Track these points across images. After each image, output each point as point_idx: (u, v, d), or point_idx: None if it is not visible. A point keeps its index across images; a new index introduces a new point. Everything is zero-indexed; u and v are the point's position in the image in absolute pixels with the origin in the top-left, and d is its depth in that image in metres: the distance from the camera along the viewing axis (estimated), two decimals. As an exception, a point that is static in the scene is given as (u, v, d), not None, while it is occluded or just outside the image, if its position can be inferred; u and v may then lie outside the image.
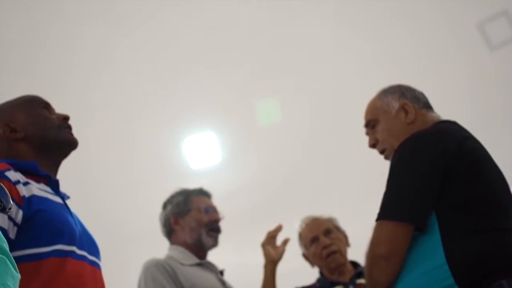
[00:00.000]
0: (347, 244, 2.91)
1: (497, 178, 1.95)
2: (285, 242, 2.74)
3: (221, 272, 2.76)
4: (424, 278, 1.80)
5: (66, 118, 1.87)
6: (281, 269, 2.74)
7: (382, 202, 1.91)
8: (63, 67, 4.52)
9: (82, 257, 1.67)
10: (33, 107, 1.85)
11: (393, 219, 1.85)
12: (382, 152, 2.14)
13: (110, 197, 5.14)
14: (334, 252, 2.80)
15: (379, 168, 2.29)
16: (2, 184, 1.13)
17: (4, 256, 1.00)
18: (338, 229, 2.91)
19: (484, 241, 1.78)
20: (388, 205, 1.89)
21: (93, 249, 1.76)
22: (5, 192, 1.13)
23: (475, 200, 1.85)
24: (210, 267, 2.73)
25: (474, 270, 1.74)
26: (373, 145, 2.16)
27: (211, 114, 5.15)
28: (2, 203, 1.11)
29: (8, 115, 1.82)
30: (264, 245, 2.71)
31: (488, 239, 1.78)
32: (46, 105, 1.88)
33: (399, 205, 1.87)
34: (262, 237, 2.78)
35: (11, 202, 1.14)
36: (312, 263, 2.90)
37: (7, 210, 1.13)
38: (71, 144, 1.86)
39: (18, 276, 1.03)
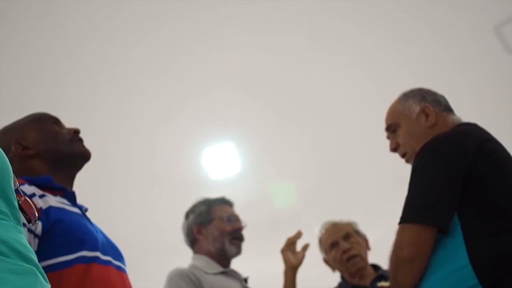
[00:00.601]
0: (367, 247, 2.91)
1: None
2: (305, 247, 2.74)
3: (245, 280, 2.76)
4: (448, 279, 1.80)
5: (76, 132, 1.88)
6: (302, 275, 2.74)
7: (404, 205, 1.91)
8: (84, 79, 4.57)
9: (108, 262, 1.67)
10: (43, 124, 1.87)
11: (416, 222, 1.86)
12: (403, 156, 2.14)
13: (131, 209, 5.17)
14: (354, 256, 2.80)
15: (400, 172, 2.29)
16: (27, 198, 1.14)
17: (33, 267, 1.01)
18: (357, 233, 2.91)
19: (506, 242, 1.78)
20: (411, 208, 1.89)
21: (118, 255, 1.76)
22: (30, 205, 1.15)
23: (497, 201, 1.85)
24: (234, 275, 2.74)
25: (497, 270, 1.74)
26: (394, 149, 2.16)
27: (229, 124, 5.17)
28: (27, 215, 1.13)
29: (18, 134, 1.84)
30: (283, 251, 2.71)
31: (511, 239, 1.78)
32: (56, 121, 1.90)
33: (422, 208, 1.88)
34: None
35: (37, 215, 1.15)
36: (333, 268, 2.90)
37: (33, 222, 1.14)
38: (84, 156, 1.87)
39: (48, 286, 1.04)
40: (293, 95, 5.09)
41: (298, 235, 2.75)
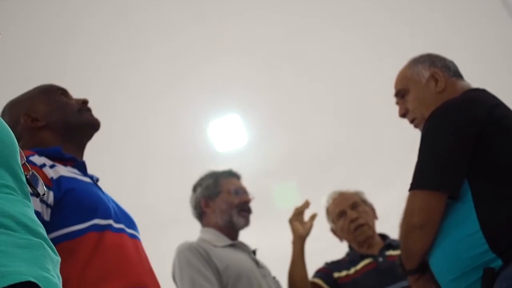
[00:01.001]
0: (374, 216, 2.92)
1: None
2: (313, 217, 2.75)
3: (254, 252, 2.77)
4: (459, 245, 1.81)
5: (85, 102, 1.89)
6: (308, 248, 2.75)
7: (414, 172, 1.92)
8: (86, 51, 4.55)
9: (121, 230, 1.68)
10: (51, 95, 1.87)
11: (427, 188, 1.86)
12: (412, 121, 2.14)
13: (138, 183, 5.17)
14: (362, 225, 2.81)
15: (409, 140, 2.27)
16: (34, 171, 1.13)
17: (41, 240, 1.00)
18: (365, 202, 2.92)
19: None
20: (421, 174, 1.90)
21: (130, 223, 1.77)
22: (37, 179, 1.14)
23: (507, 166, 1.85)
24: (243, 248, 2.75)
25: (507, 235, 1.74)
26: (403, 114, 2.16)
27: (235, 96, 5.15)
28: (35, 189, 1.12)
29: (27, 106, 1.85)
30: (291, 221, 2.73)
31: None
32: (63, 92, 1.90)
33: (432, 174, 1.88)
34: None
35: (45, 189, 1.14)
36: (341, 238, 2.91)
37: (41, 196, 1.13)
38: (93, 125, 1.88)
39: (58, 259, 1.03)
40: (299, 66, 5.06)
41: (306, 205, 2.76)
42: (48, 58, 4.44)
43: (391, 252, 2.72)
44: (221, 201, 2.78)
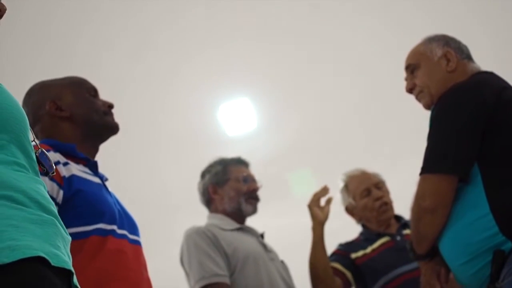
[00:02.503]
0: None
1: None
2: (329, 201, 2.72)
3: (262, 235, 2.78)
4: (469, 228, 1.81)
5: (111, 106, 1.91)
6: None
7: (425, 156, 1.92)
8: (95, 37, 4.55)
9: (123, 236, 1.70)
10: (82, 89, 1.89)
11: (438, 172, 1.87)
12: (417, 95, 2.13)
13: (148, 168, 5.19)
14: (386, 204, 2.80)
15: (419, 123, 2.26)
16: (43, 149, 1.13)
17: (53, 218, 1.00)
18: (384, 183, 2.90)
19: None
20: (432, 158, 1.90)
21: (133, 228, 1.78)
22: (46, 157, 1.14)
23: None
24: (251, 231, 2.75)
25: None
26: (410, 89, 2.16)
27: (245, 80, 5.13)
28: (45, 167, 1.12)
29: (55, 93, 1.85)
30: (310, 207, 2.69)
31: None
32: (94, 90, 1.91)
33: (443, 158, 1.88)
34: (300, 202, 2.76)
35: (54, 167, 1.14)
36: (359, 216, 2.87)
37: (50, 174, 1.14)
38: (113, 129, 1.89)
39: (69, 238, 1.04)
40: (310, 49, 5.03)
41: (325, 190, 2.73)
42: (53, 44, 4.44)
43: (407, 231, 2.70)
44: (230, 189, 2.78)
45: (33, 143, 1.11)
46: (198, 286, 2.48)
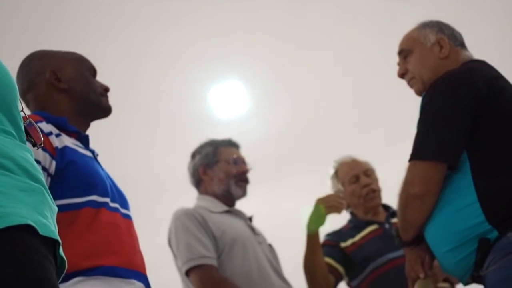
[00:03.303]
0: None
1: None
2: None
3: (250, 219, 2.79)
4: (456, 216, 1.82)
5: (107, 89, 1.92)
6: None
7: (414, 143, 1.92)
8: (85, 16, 4.51)
9: (115, 209, 1.70)
10: (83, 66, 1.90)
11: (427, 159, 1.87)
12: (409, 80, 2.13)
13: (138, 149, 5.18)
14: (374, 191, 2.82)
15: (410, 109, 2.27)
16: (31, 119, 1.12)
17: (41, 186, 0.99)
18: (373, 171, 2.92)
19: None
20: (421, 145, 1.91)
21: (124, 202, 1.78)
22: (35, 128, 1.13)
23: (505, 139, 1.86)
24: (239, 214, 2.76)
25: (504, 206, 1.75)
26: (402, 75, 2.16)
27: (236, 62, 5.11)
28: (32, 138, 1.11)
29: (57, 63, 1.86)
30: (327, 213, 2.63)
31: None
32: (94, 71, 1.93)
33: (432, 145, 1.89)
34: (289, 185, 2.77)
35: (42, 139, 1.13)
36: (347, 203, 2.84)
37: (38, 146, 1.13)
38: (106, 111, 1.91)
39: (55, 208, 1.03)
40: (302, 32, 5.00)
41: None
42: (45, 17, 4.39)
43: (395, 220, 2.72)
44: (219, 170, 2.78)
45: (22, 113, 1.09)
46: (185, 268, 2.49)
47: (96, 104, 1.87)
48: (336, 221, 2.90)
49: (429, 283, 2.02)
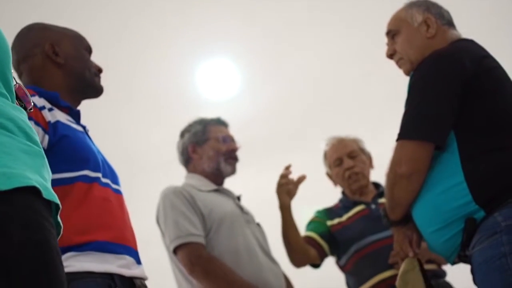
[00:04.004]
0: (370, 166, 2.94)
1: None
2: (300, 180, 2.75)
3: (238, 198, 2.79)
4: (443, 196, 1.83)
5: (100, 70, 1.93)
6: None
7: (402, 122, 1.93)
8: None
9: (107, 184, 1.70)
10: (81, 45, 1.91)
11: (414, 138, 1.88)
12: (398, 61, 2.14)
13: (126, 127, 5.15)
14: (356, 174, 2.84)
15: (398, 89, 2.27)
16: (21, 83, 1.11)
17: (40, 149, 0.99)
18: (363, 151, 2.94)
19: (501, 159, 1.79)
20: (409, 124, 1.91)
21: (115, 177, 1.79)
22: (24, 92, 1.11)
23: (493, 119, 1.86)
24: (227, 193, 2.77)
25: (491, 186, 1.76)
26: (390, 55, 2.16)
27: (226, 41, 5.08)
28: (22, 102, 1.10)
29: (56, 37, 1.86)
30: (278, 193, 2.73)
31: (505, 156, 1.80)
32: (90, 51, 1.93)
33: (420, 125, 1.89)
34: (278, 165, 2.78)
35: (32, 103, 1.12)
36: (335, 183, 2.94)
37: (28, 110, 1.11)
38: (98, 91, 1.92)
39: (50, 174, 1.03)
40: (293, 11, 4.97)
41: (288, 171, 2.76)
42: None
43: (383, 200, 2.74)
44: (209, 148, 2.78)
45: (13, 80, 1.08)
46: (173, 245, 2.50)
47: (89, 83, 1.87)
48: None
49: (417, 261, 2.03)
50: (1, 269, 0.83)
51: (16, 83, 1.09)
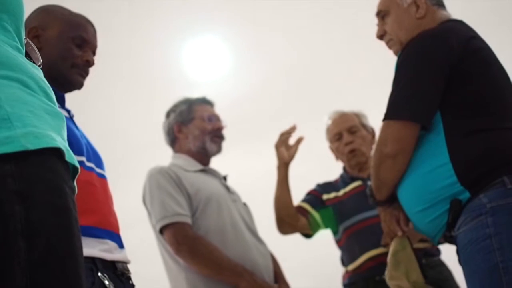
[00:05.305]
0: (372, 141, 2.90)
1: (502, 78, 1.95)
2: (299, 141, 2.75)
3: (225, 178, 2.79)
4: (428, 176, 1.83)
5: (88, 63, 1.82)
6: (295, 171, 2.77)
7: (388, 102, 1.93)
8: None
9: (91, 168, 1.69)
10: (69, 32, 1.80)
11: (400, 119, 1.88)
12: (387, 42, 2.13)
13: (112, 107, 5.12)
14: (354, 150, 2.84)
15: (385, 69, 2.26)
16: (29, 40, 1.09)
17: (59, 111, 0.97)
18: (364, 126, 2.93)
19: (486, 140, 1.79)
20: (395, 105, 1.91)
21: (99, 162, 1.77)
22: (33, 48, 1.08)
23: (479, 99, 1.86)
24: (214, 173, 2.77)
25: (476, 168, 1.76)
26: (380, 36, 2.15)
27: (214, 19, 5.03)
28: (31, 58, 1.06)
29: (47, 22, 1.80)
30: (277, 147, 2.73)
31: (491, 137, 1.80)
32: (81, 41, 1.82)
33: (406, 105, 1.89)
34: (265, 145, 2.78)
35: (40, 59, 1.09)
36: (336, 157, 2.96)
37: (38, 66, 1.07)
38: (74, 84, 1.82)
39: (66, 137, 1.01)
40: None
41: (292, 129, 2.76)
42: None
43: None
44: (194, 127, 2.78)
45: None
46: (159, 225, 2.50)
47: (60, 73, 1.77)
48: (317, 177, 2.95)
49: (407, 240, 2.04)
50: (23, 231, 0.82)
51: (25, 38, 1.07)
